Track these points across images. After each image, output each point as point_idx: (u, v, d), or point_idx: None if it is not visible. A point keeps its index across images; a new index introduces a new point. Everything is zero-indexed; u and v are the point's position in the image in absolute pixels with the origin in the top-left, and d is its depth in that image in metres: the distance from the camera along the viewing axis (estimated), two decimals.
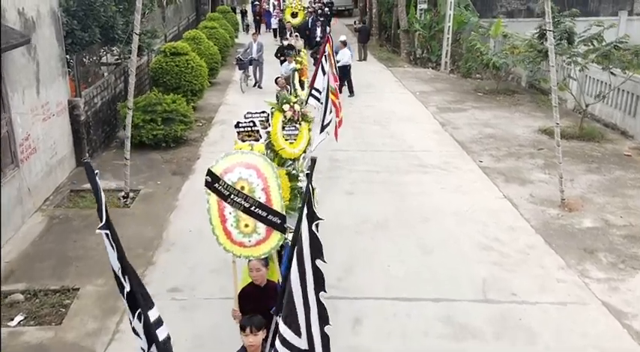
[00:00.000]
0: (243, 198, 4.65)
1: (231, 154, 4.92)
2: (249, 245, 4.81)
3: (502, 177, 11.00)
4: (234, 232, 4.77)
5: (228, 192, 4.64)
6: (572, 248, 8.36)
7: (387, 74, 20.80)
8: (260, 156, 4.96)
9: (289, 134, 6.86)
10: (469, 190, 10.33)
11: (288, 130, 6.86)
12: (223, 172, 4.68)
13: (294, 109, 6.85)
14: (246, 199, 4.65)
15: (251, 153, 4.99)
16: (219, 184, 4.64)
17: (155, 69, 14.78)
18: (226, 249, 4.86)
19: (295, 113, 6.84)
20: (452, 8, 21.31)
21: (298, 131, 6.95)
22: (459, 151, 12.48)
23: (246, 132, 5.93)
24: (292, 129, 6.89)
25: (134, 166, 11.29)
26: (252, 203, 4.68)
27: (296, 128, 6.92)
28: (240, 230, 4.77)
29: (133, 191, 10.19)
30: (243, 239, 4.79)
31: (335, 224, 8.85)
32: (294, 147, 6.87)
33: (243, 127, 5.99)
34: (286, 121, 6.82)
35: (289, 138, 6.85)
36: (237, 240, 4.79)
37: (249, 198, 4.66)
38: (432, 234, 8.64)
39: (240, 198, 4.65)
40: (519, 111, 15.87)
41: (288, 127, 6.86)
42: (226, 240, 4.80)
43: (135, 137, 12.12)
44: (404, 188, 10.38)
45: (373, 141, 13.00)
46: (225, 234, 4.77)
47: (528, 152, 12.46)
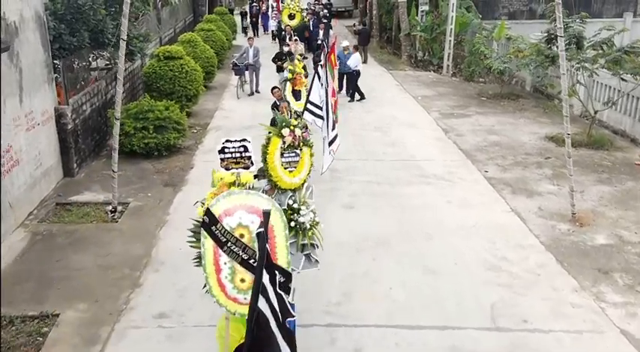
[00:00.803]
0: (241, 247, 4.07)
1: (234, 193, 4.29)
2: (244, 302, 4.19)
3: (509, 189, 10.51)
4: (228, 286, 4.20)
5: (225, 238, 4.08)
6: (586, 267, 7.87)
7: (388, 77, 20.32)
8: (268, 199, 4.33)
9: (289, 161, 6.18)
10: (475, 203, 9.84)
11: (288, 157, 6.16)
12: (223, 214, 4.10)
13: (295, 134, 6.14)
14: (244, 249, 4.08)
15: (257, 194, 4.33)
16: (217, 228, 4.07)
17: (148, 74, 14.29)
18: (219, 302, 4.31)
19: (296, 138, 6.15)
20: (454, 10, 20.82)
21: (299, 157, 6.26)
22: (463, 160, 12.00)
23: (234, 159, 5.04)
24: (292, 155, 6.19)
25: (124, 177, 10.83)
26: (251, 255, 4.08)
27: (297, 154, 6.23)
28: (235, 285, 4.19)
29: (122, 204, 9.70)
30: (237, 295, 4.21)
31: (334, 241, 8.35)
32: (295, 176, 6.20)
33: (231, 153, 5.08)
34: (285, 147, 6.14)
35: (289, 166, 6.17)
36: (231, 295, 4.23)
37: (248, 249, 4.08)
38: (436, 252, 8.16)
39: (238, 248, 4.07)
40: (524, 116, 15.38)
41: (288, 154, 6.17)
42: (220, 293, 4.25)
43: (126, 146, 11.68)
44: (406, 201, 9.89)
45: (374, 150, 12.52)
46: (219, 285, 4.22)
47: (535, 161, 11.97)
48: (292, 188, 6.16)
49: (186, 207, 9.55)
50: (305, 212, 5.44)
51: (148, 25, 19.02)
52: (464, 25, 22.00)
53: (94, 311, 6.81)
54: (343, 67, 16.33)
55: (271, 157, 6.03)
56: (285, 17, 23.14)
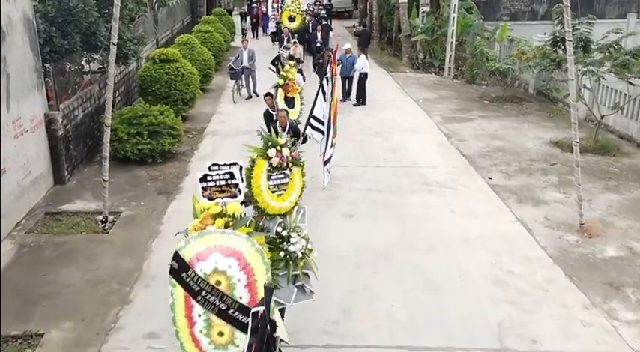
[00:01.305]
0: (217, 296, 3.59)
1: (207, 233, 3.78)
2: None
3: (514, 197, 10.18)
4: (203, 341, 3.70)
5: (199, 287, 3.59)
6: (596, 282, 7.54)
7: (389, 80, 19.98)
8: (246, 239, 3.83)
9: (277, 184, 5.63)
10: (479, 213, 9.51)
11: (275, 180, 5.63)
12: (194, 258, 3.62)
13: (282, 154, 5.62)
14: (222, 299, 3.61)
15: (234, 234, 3.84)
16: (188, 275, 3.59)
17: (143, 77, 13.96)
18: None
19: (283, 159, 5.63)
20: (455, 11, 20.48)
21: (289, 179, 5.73)
22: (466, 167, 11.66)
23: (218, 188, 4.44)
24: (281, 177, 5.65)
25: (117, 184, 10.51)
26: (230, 305, 3.62)
27: (285, 175, 5.70)
28: (212, 339, 3.70)
29: (114, 213, 9.37)
30: (215, 351, 3.71)
31: (333, 253, 8.06)
32: (284, 200, 5.65)
33: (215, 180, 4.45)
34: (272, 169, 5.60)
35: (277, 190, 5.64)
36: None
37: (226, 298, 3.62)
38: (439, 266, 7.82)
39: (214, 297, 3.59)
40: (528, 120, 15.04)
41: (276, 176, 5.63)
42: (194, 349, 3.73)
43: (119, 152, 11.36)
44: (408, 210, 9.56)
45: (374, 156, 12.18)
46: (192, 340, 3.70)
47: (540, 167, 11.63)
48: (282, 213, 5.64)
49: (180, 216, 9.25)
50: (296, 239, 4.97)
51: (144, 26, 18.72)
52: (465, 26, 21.67)
53: (80, 330, 6.48)
54: (345, 70, 15.84)
55: (256, 181, 5.43)
56: (285, 19, 22.56)
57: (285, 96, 10.38)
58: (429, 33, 22.28)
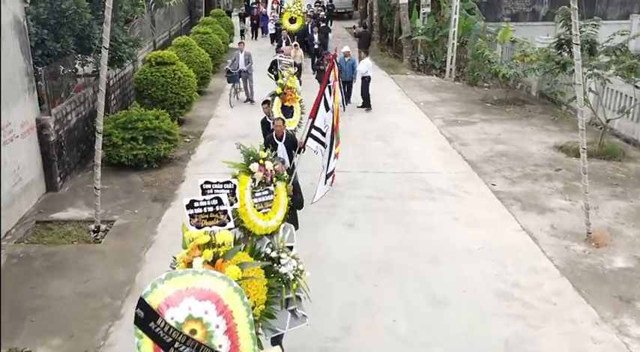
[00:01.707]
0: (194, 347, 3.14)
1: (176, 275, 3.32)
2: None
3: (518, 204, 9.91)
4: None
5: (171, 338, 3.13)
6: (605, 295, 7.27)
7: (389, 82, 19.69)
8: (222, 278, 3.39)
9: (262, 202, 5.31)
10: (483, 221, 9.24)
11: (260, 197, 5.31)
12: (164, 305, 3.16)
13: (265, 168, 5.31)
14: (199, 349, 3.17)
15: (208, 273, 3.40)
16: (157, 325, 3.13)
17: (139, 80, 13.68)
18: None
19: (267, 173, 5.33)
20: (457, 12, 20.20)
21: (274, 195, 5.42)
22: (469, 172, 11.39)
23: (205, 215, 4.00)
24: (265, 194, 5.33)
25: (111, 191, 10.25)
26: None
27: (270, 192, 5.38)
28: None
29: (107, 222, 9.10)
30: None
31: (333, 264, 7.81)
32: (270, 218, 5.34)
33: (202, 207, 4.00)
34: (256, 186, 5.30)
35: (262, 207, 5.31)
36: None
37: (204, 349, 3.18)
38: (443, 278, 7.55)
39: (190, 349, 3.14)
40: (532, 124, 14.76)
41: (260, 193, 5.31)
42: None
43: (113, 157, 11.11)
44: (410, 218, 9.29)
45: (375, 161, 11.90)
46: None
47: (545, 173, 11.36)
48: (269, 232, 5.30)
49: (175, 225, 8.97)
50: (286, 260, 4.64)
51: (142, 27, 18.46)
52: (467, 28, 21.39)
53: (69, 347, 6.22)
54: (344, 74, 15.23)
55: (241, 199, 5.04)
56: (285, 21, 22.01)
57: (282, 105, 9.62)
58: (429, 34, 22.00)
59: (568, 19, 12.34)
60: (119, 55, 11.67)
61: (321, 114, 7.24)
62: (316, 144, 7.32)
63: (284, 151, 8.36)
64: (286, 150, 8.39)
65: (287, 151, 8.38)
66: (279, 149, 8.26)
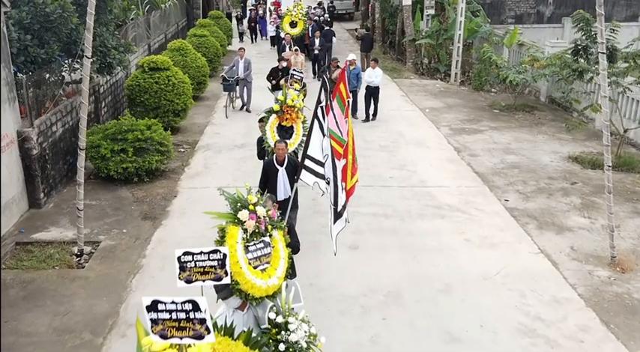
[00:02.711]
0: None
1: None
2: None
3: (534, 223, 9.24)
4: None
5: None
6: (637, 330, 6.61)
7: (393, 87, 19.02)
8: None
9: (258, 257, 4.50)
10: (497, 242, 8.57)
11: (255, 251, 4.50)
12: None
13: (257, 215, 4.53)
14: None
15: None
16: None
17: (131, 87, 13.03)
18: None
19: (261, 221, 4.55)
20: (462, 14, 19.53)
21: (271, 247, 4.63)
22: (480, 186, 10.72)
23: (174, 323, 3.08)
24: (260, 246, 4.53)
25: (98, 208, 9.59)
26: None
27: (266, 244, 4.59)
28: None
29: (92, 243, 8.44)
30: None
31: (337, 294, 7.16)
32: (270, 276, 4.51)
33: (170, 312, 3.10)
34: (248, 238, 4.51)
35: (259, 263, 4.51)
36: None
37: None
38: (457, 310, 6.88)
39: None
40: (542, 132, 14.10)
41: (255, 246, 4.51)
42: None
43: (102, 170, 10.46)
44: (418, 240, 8.62)
45: (380, 174, 11.23)
46: None
47: (560, 187, 10.70)
48: (271, 293, 4.51)
49: (165, 247, 8.34)
50: (295, 325, 3.95)
51: (137, 30, 17.81)
52: (472, 30, 20.70)
53: None
54: (348, 83, 14.44)
55: (233, 257, 4.27)
56: (286, 25, 20.94)
57: (279, 125, 8.34)
58: (434, 37, 21.32)
59: (585, 24, 11.68)
60: (109, 61, 10.99)
61: (316, 138, 6.17)
62: (313, 178, 6.26)
63: (285, 178, 7.56)
64: (288, 177, 7.56)
65: (288, 178, 7.56)
66: (280, 175, 7.51)
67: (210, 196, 10.17)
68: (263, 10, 29.19)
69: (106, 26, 11.18)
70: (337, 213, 6.17)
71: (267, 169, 7.60)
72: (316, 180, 6.15)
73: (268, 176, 7.54)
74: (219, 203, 9.99)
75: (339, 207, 6.16)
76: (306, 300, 6.62)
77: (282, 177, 7.49)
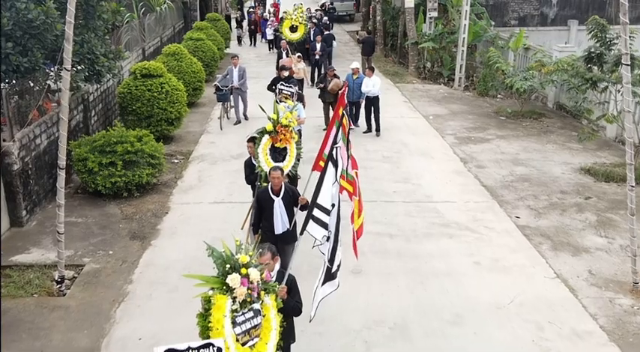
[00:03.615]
0: None
1: None
2: None
3: (548, 243, 8.67)
4: None
5: None
6: None
7: (395, 92, 18.45)
8: None
9: (246, 330, 3.96)
10: (509, 266, 8.00)
11: (243, 323, 3.94)
12: None
13: (250, 280, 3.96)
14: None
15: None
16: None
17: (123, 94, 12.48)
18: None
19: (253, 288, 3.99)
20: (467, 17, 18.94)
21: (261, 316, 4.09)
22: (489, 202, 10.15)
23: None
24: (250, 316, 3.99)
25: (83, 226, 9.03)
26: None
27: (255, 313, 4.04)
28: None
29: (75, 267, 7.88)
30: None
31: (338, 327, 6.60)
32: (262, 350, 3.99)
33: None
34: (238, 307, 3.97)
35: (249, 339, 3.96)
36: None
37: None
38: (469, 346, 6.31)
39: None
40: (552, 141, 13.53)
41: (243, 316, 3.96)
42: None
43: (89, 185, 9.89)
44: (425, 263, 8.04)
45: (383, 188, 10.66)
46: None
47: (574, 202, 10.13)
48: None
49: (154, 271, 7.78)
50: None
51: (131, 33, 17.26)
52: (476, 34, 20.11)
53: None
54: (352, 94, 13.24)
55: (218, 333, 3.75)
56: (285, 30, 19.75)
57: (272, 146, 7.54)
58: (437, 40, 20.74)
59: (599, 30, 11.11)
60: (97, 69, 10.41)
61: (326, 187, 5.20)
62: (322, 230, 5.19)
63: (282, 210, 6.68)
64: (285, 207, 6.71)
65: (285, 209, 6.70)
66: (276, 206, 6.66)
67: (203, 213, 9.65)
68: (262, 12, 28.61)
69: (95, 32, 10.60)
70: (330, 273, 5.38)
71: (261, 200, 6.76)
72: (326, 232, 5.22)
73: (263, 207, 6.72)
74: (212, 221, 9.56)
75: (334, 267, 5.37)
76: (305, 334, 6.10)
77: (278, 209, 6.64)
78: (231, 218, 9.21)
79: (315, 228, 5.13)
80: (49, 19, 9.19)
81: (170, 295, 7.25)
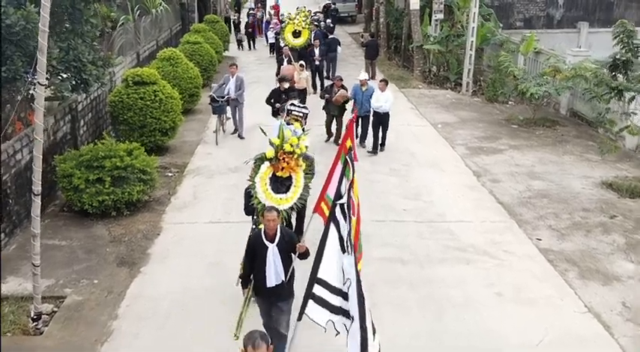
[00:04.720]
0: None
1: None
2: None
3: (575, 270, 7.93)
4: None
5: None
6: None
7: (400, 98, 17.65)
8: None
9: None
10: (534, 297, 7.26)
11: None
12: None
13: None
14: None
15: None
16: None
17: (114, 103, 11.75)
18: None
19: None
20: (475, 20, 18.19)
21: None
22: (507, 221, 9.41)
23: None
24: None
25: (67, 250, 8.31)
26: None
27: None
28: None
29: (55, 299, 7.14)
30: None
31: None
32: None
33: None
34: None
35: None
36: None
37: None
38: None
39: None
40: (568, 152, 12.79)
41: None
42: None
43: (75, 203, 9.16)
44: (440, 292, 7.31)
45: (392, 204, 9.92)
46: None
47: (598, 222, 9.39)
48: None
49: (142, 305, 7.06)
50: None
51: (126, 36, 16.53)
52: (484, 36, 19.36)
53: None
54: (360, 108, 12.06)
55: None
56: (288, 35, 18.57)
57: (273, 175, 6.44)
58: (443, 43, 19.98)
59: (626, 36, 10.37)
60: (84, 78, 9.65)
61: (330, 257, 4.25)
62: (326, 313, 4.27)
63: (277, 259, 5.57)
64: (281, 256, 5.59)
65: (281, 258, 5.59)
66: (269, 254, 5.54)
67: (198, 234, 8.92)
68: (262, 14, 27.84)
69: (82, 37, 9.84)
70: None
71: (253, 245, 5.72)
72: (331, 317, 4.28)
73: (255, 255, 5.68)
74: (207, 243, 8.76)
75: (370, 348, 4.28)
76: None
77: (272, 257, 5.54)
78: (227, 240, 8.47)
79: (316, 311, 4.19)
80: (29, 25, 8.43)
81: (158, 333, 6.52)
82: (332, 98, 12.28)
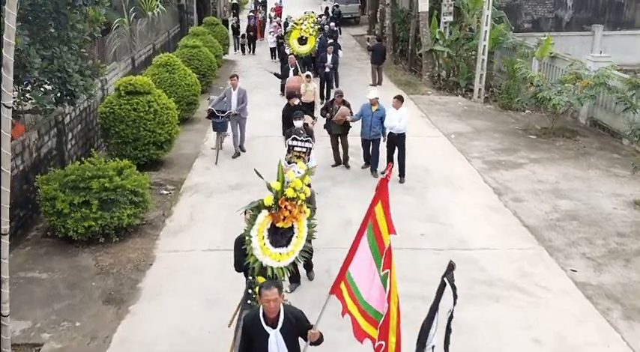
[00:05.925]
0: None
1: None
2: None
3: (618, 309, 7.05)
4: None
5: None
6: None
7: (410, 105, 16.61)
8: None
9: None
10: (578, 345, 6.38)
11: None
12: None
13: None
14: None
15: None
16: None
17: (105, 115, 10.87)
18: None
19: None
20: (488, 23, 17.31)
21: None
22: (536, 248, 8.53)
23: None
24: None
25: (48, 284, 7.44)
26: None
27: None
28: None
29: (31, 347, 6.25)
30: None
31: None
32: None
33: None
34: None
35: None
36: None
37: None
38: None
39: None
40: (592, 166, 11.91)
41: None
42: None
43: (58, 229, 8.27)
44: (472, 340, 6.40)
45: (408, 229, 8.98)
46: None
47: (637, 249, 8.51)
48: None
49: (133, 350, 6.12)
50: None
51: (121, 40, 15.66)
52: (496, 40, 18.47)
53: None
54: (368, 129, 10.82)
55: None
56: (293, 41, 17.27)
57: (272, 226, 5.07)
58: (453, 47, 19.10)
59: None
60: (69, 89, 8.76)
61: None
62: None
63: (280, 347, 4.54)
64: (286, 344, 4.55)
65: (287, 347, 4.56)
66: (272, 343, 4.50)
67: (194, 265, 8.03)
68: (263, 15, 26.94)
69: (68, 45, 8.95)
70: None
71: (249, 330, 4.60)
72: None
73: (252, 342, 4.60)
74: (204, 275, 7.80)
75: None
76: None
77: (275, 345, 4.50)
78: (227, 272, 7.49)
79: None
80: None
81: None
82: (332, 117, 11.14)
